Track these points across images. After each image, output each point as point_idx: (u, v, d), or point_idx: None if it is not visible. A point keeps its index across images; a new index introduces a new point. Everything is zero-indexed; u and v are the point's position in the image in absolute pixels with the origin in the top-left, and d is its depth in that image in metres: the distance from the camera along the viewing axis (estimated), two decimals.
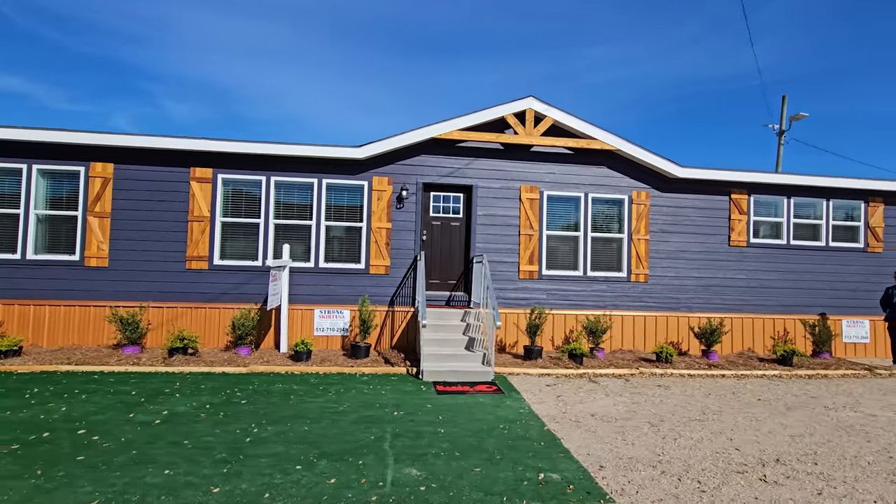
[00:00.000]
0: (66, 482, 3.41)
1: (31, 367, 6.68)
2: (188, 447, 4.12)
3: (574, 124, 9.19)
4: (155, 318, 8.31)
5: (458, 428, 4.84)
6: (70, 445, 4.08)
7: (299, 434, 4.52)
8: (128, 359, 7.28)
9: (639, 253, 9.51)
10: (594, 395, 6.34)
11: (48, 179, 8.40)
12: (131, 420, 4.78)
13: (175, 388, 6.01)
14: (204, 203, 8.53)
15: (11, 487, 3.31)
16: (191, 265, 8.48)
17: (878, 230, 10.20)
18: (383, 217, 8.91)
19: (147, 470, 3.64)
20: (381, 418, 5.08)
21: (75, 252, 8.30)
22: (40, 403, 5.21)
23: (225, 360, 7.39)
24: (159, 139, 8.31)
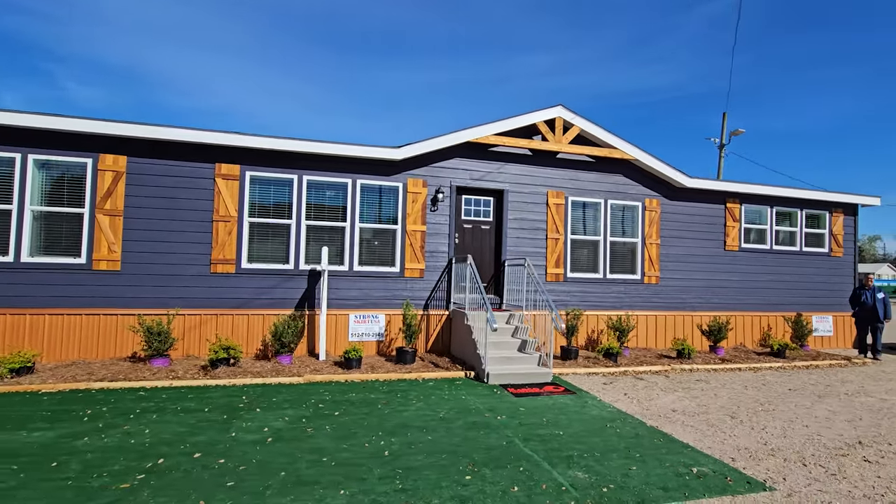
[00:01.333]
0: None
1: (56, 386, 5.88)
2: (333, 464, 3.90)
3: (598, 133, 9.64)
4: (177, 326, 7.60)
5: (571, 429, 4.97)
6: (203, 470, 3.71)
7: (428, 444, 4.43)
8: (161, 372, 6.62)
9: (651, 256, 10.17)
10: (651, 391, 6.74)
11: (47, 172, 7.40)
12: (238, 438, 4.41)
13: (246, 401, 5.59)
14: (231, 202, 7.94)
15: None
16: (216, 269, 7.87)
17: (838, 237, 11.69)
18: (418, 220, 8.81)
19: (321, 491, 3.42)
20: (489, 423, 5.09)
21: (81, 254, 7.39)
22: (111, 426, 4.64)
23: (271, 370, 6.95)
24: (180, 131, 7.63)
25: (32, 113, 7.09)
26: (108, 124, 7.34)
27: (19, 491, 3.31)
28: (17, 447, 4.07)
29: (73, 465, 3.75)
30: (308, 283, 8.30)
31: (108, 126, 7.35)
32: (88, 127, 7.28)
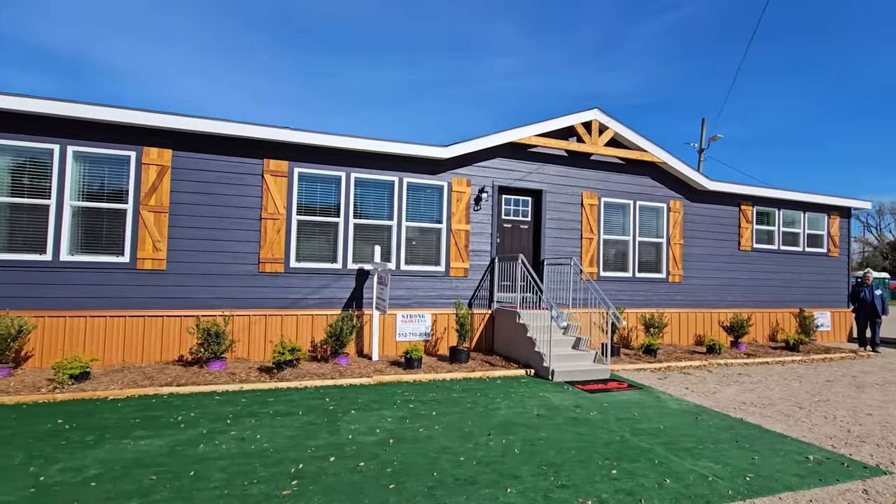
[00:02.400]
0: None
1: (124, 392, 5.55)
2: (475, 463, 3.89)
3: (630, 136, 9.94)
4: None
5: (665, 423, 5.14)
6: (351, 473, 3.63)
7: (549, 441, 4.48)
8: (222, 375, 6.37)
9: (675, 256, 10.57)
10: (706, 385, 7.04)
11: (87, 164, 6.96)
12: (358, 441, 4.32)
13: (333, 403, 5.46)
14: (279, 199, 7.71)
15: None
16: (264, 268, 7.62)
17: (835, 238, 12.51)
18: (463, 219, 8.82)
19: (487, 490, 3.42)
20: (587, 420, 5.19)
21: (124, 253, 7.00)
22: (218, 432, 4.44)
23: (333, 372, 6.80)
24: (227, 124, 7.34)
25: (72, 101, 6.65)
26: (152, 115, 6.98)
27: (188, 502, 3.14)
28: (138, 457, 3.85)
29: (213, 473, 3.58)
30: (356, 283, 8.16)
31: (153, 117, 6.98)
32: (131, 118, 6.89)
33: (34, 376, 6.03)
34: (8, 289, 6.50)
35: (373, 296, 7.91)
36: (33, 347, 6.54)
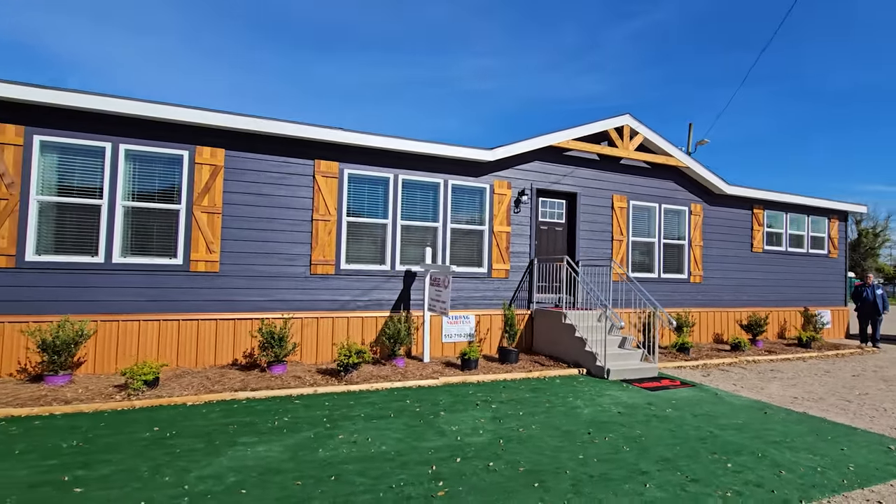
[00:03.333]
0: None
1: (200, 398, 5.42)
2: (595, 461, 4.02)
3: (657, 141, 10.27)
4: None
5: (739, 418, 5.39)
6: (487, 472, 3.69)
7: (648, 438, 4.65)
8: (288, 379, 6.29)
9: (695, 257, 10.98)
10: (748, 381, 7.37)
11: (138, 164, 6.74)
12: (468, 442, 4.38)
13: (417, 405, 5.48)
14: (331, 200, 7.65)
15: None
16: (316, 270, 7.55)
17: (834, 240, 13.23)
18: (504, 221, 8.94)
19: (627, 486, 3.55)
20: (667, 417, 5.39)
21: (177, 255, 6.81)
22: (325, 437, 4.42)
23: (397, 374, 6.81)
24: (281, 124, 7.24)
25: (124, 98, 6.43)
26: (206, 113, 6.82)
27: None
28: (263, 463, 3.80)
29: (352, 477, 3.59)
30: (403, 284, 8.17)
31: (207, 115, 6.82)
32: (185, 116, 6.72)
33: (96, 383, 5.82)
34: (59, 292, 6.24)
35: (423, 297, 7.94)
36: (86, 353, 6.30)
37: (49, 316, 6.15)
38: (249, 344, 7.11)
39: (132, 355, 6.49)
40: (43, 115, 6.24)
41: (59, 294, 6.25)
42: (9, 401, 5.05)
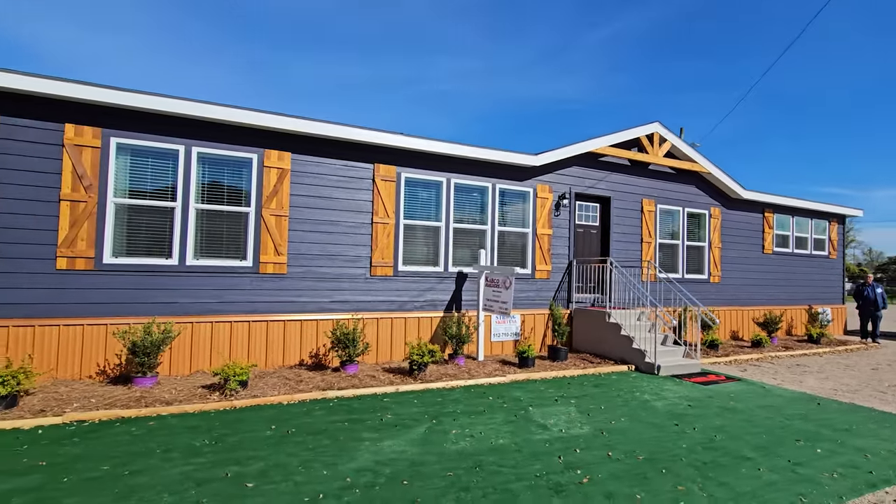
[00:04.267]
0: None
1: (293, 397, 5.56)
2: (703, 449, 4.38)
3: (683, 148, 10.78)
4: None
5: (798, 409, 5.85)
6: (626, 457, 4.00)
7: (733, 429, 5.03)
8: (364, 378, 6.48)
9: (714, 259, 11.55)
10: (782, 374, 7.89)
11: (208, 166, 6.79)
12: (575, 434, 4.68)
13: (500, 400, 5.75)
14: (389, 204, 7.83)
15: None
16: (376, 272, 7.73)
17: (834, 242, 14.05)
18: (546, 223, 9.27)
19: (760, 470, 3.91)
20: (735, 408, 5.80)
21: (247, 257, 6.90)
22: (439, 431, 4.65)
23: (462, 372, 7.06)
24: (344, 128, 7.39)
25: (197, 101, 6.49)
26: (275, 117, 6.92)
27: (511, 495, 3.40)
28: (403, 457, 4.02)
29: (497, 468, 3.84)
30: (455, 285, 8.41)
31: (276, 119, 6.93)
32: (254, 119, 6.81)
33: (181, 384, 5.89)
34: (135, 294, 6.27)
35: (477, 297, 8.21)
36: (162, 354, 6.34)
37: (126, 318, 6.18)
38: (315, 344, 7.25)
39: (206, 357, 6.56)
40: (119, 117, 6.25)
41: (135, 296, 6.28)
42: (109, 402, 5.10)
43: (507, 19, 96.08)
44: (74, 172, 6.00)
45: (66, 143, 5.98)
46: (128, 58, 70.18)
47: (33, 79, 5.68)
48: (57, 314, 5.91)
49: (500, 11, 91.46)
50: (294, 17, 73.89)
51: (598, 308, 8.98)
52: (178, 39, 70.97)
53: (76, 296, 6.00)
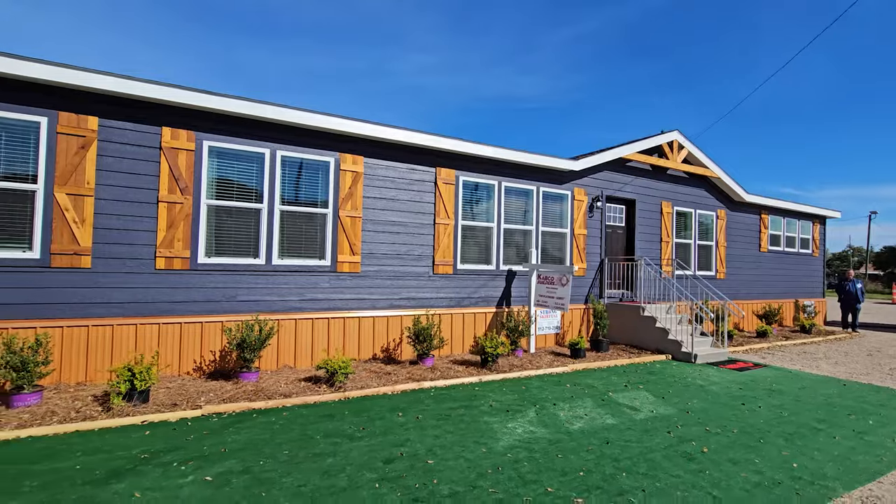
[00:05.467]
0: None
1: (395, 388, 5.96)
2: (788, 423, 5.10)
3: (698, 155, 11.67)
4: (407, 326, 7.78)
5: (831, 389, 6.72)
6: (769, 432, 4.65)
7: (788, 407, 5.80)
8: (443, 370, 6.93)
9: (720, 256, 12.55)
10: (799, 361, 8.85)
11: (291, 169, 7.04)
12: (662, 414, 5.32)
13: (579, 388, 6.34)
14: (449, 205, 8.28)
15: None
16: (438, 270, 8.17)
17: (817, 241, 15.42)
18: (582, 224, 9.93)
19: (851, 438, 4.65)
20: (781, 391, 6.60)
21: (325, 256, 7.21)
22: (550, 415, 5.18)
23: (525, 363, 7.61)
24: (411, 133, 7.77)
25: (281, 106, 6.72)
26: (351, 122, 7.22)
27: (689, 459, 3.99)
28: (541, 435, 4.53)
29: (622, 443, 4.41)
30: (505, 282, 8.95)
31: (351, 124, 7.22)
32: (334, 124, 7.09)
33: (281, 377, 6.17)
34: (226, 293, 6.48)
35: (526, 294, 8.77)
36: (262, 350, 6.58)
37: (219, 316, 6.40)
38: (386, 339, 7.63)
39: (291, 352, 6.85)
40: (210, 120, 6.43)
41: (227, 295, 6.49)
42: (230, 397, 5.37)
43: (468, 14, 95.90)
44: (171, 175, 6.16)
45: (163, 147, 6.13)
46: (77, 36, 65.97)
47: (131, 81, 5.81)
48: (156, 313, 6.07)
49: (463, 5, 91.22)
50: (242, 2, 71.29)
51: (632, 303, 9.72)
52: (125, 18, 67.41)
53: (174, 295, 6.17)
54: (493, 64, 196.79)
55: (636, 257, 10.74)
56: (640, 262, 9.58)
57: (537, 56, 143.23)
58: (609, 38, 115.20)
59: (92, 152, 5.76)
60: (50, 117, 5.57)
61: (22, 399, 4.76)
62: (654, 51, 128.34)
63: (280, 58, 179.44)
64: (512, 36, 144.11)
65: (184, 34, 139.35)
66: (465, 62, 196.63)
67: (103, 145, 5.84)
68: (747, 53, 70.01)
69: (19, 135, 5.47)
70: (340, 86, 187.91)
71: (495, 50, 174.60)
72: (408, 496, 3.29)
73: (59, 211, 5.57)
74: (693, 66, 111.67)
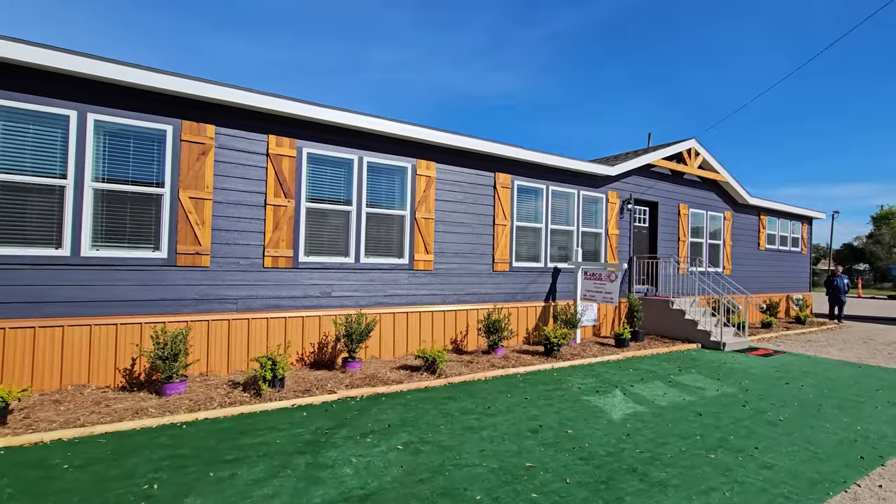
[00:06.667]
0: None
1: (488, 374, 6.61)
2: (829, 398, 6.01)
3: (711, 161, 12.70)
4: (471, 319, 8.44)
5: (852, 371, 7.74)
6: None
7: (822, 386, 6.74)
8: (512, 359, 7.62)
9: (727, 254, 13.67)
10: (809, 347, 9.94)
11: (373, 174, 7.56)
12: (726, 392, 6.16)
13: (640, 374, 7.14)
14: (506, 208, 8.95)
15: None
16: (497, 267, 8.84)
17: (805, 240, 16.82)
18: (615, 224, 10.78)
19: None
20: (810, 372, 7.57)
21: (404, 255, 7.78)
22: (634, 394, 5.95)
23: (578, 352, 8.39)
24: (474, 140, 8.38)
25: (370, 115, 7.23)
26: (428, 131, 7.77)
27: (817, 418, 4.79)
28: (643, 408, 5.28)
29: (710, 416, 5.20)
30: (552, 279, 9.69)
31: (427, 133, 7.78)
32: (412, 132, 7.64)
33: (380, 367, 6.73)
34: (322, 289, 6.98)
35: (572, 289, 9.55)
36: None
37: (316, 311, 6.89)
38: (455, 331, 8.26)
39: (377, 344, 7.40)
40: (307, 128, 6.89)
41: (322, 291, 6.99)
42: (346, 383, 5.90)
43: (443, 10, 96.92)
44: (277, 179, 6.61)
45: (269, 153, 6.57)
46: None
47: (245, 92, 6.23)
48: (264, 308, 6.53)
49: (436, 1, 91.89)
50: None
51: (660, 297, 10.64)
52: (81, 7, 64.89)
53: (278, 291, 6.64)
54: (466, 60, 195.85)
55: (658, 255, 11.69)
56: (668, 260, 10.49)
57: (507, 54, 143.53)
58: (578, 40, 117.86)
59: (210, 158, 6.16)
60: (175, 126, 5.95)
61: (173, 387, 5.20)
62: (624, 50, 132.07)
63: (251, 52, 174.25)
64: (482, 33, 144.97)
65: (138, 13, 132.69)
66: (438, 58, 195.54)
67: (219, 152, 6.26)
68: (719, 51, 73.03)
69: (148, 142, 5.84)
70: (310, 80, 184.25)
71: (468, 47, 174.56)
72: (576, 456, 3.98)
73: (184, 213, 5.97)
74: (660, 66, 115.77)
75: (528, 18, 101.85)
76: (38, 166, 5.26)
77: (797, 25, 44.08)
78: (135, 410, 4.67)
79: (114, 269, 5.61)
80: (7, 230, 5.13)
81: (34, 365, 5.16)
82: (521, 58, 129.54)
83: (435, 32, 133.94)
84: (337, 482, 3.41)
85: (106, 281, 5.57)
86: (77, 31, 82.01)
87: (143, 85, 5.64)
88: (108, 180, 5.60)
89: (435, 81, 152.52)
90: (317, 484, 3.38)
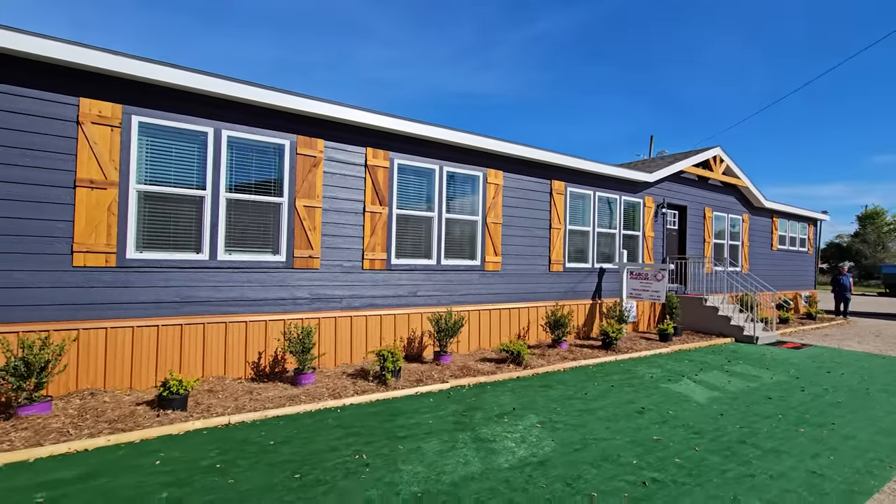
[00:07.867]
0: None
1: (564, 365, 7.30)
2: (872, 383, 6.82)
3: (733, 167, 13.55)
4: (532, 315, 9.13)
5: (880, 362, 8.59)
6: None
7: (857, 375, 7.54)
8: (574, 352, 8.34)
9: (745, 255, 14.57)
10: (829, 341, 10.83)
11: (451, 183, 8.19)
12: (778, 380, 6.94)
13: (695, 364, 7.89)
14: (561, 212, 9.65)
15: None
16: (552, 268, 9.54)
17: (811, 241, 17.84)
18: (650, 227, 11.55)
19: None
20: (842, 362, 8.39)
21: (476, 257, 8.44)
22: (700, 382, 6.69)
23: (630, 346, 9.14)
24: (537, 151, 9.06)
25: (444, 127, 7.86)
26: (499, 143, 8.43)
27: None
28: (718, 394, 6.02)
29: (775, 401, 5.97)
30: (598, 278, 10.43)
31: (499, 144, 8.44)
32: (481, 143, 8.29)
33: (463, 360, 7.38)
34: (410, 288, 7.60)
35: (617, 288, 10.29)
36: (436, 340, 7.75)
37: (403, 309, 7.52)
38: (518, 326, 8.94)
39: (465, 341, 8.04)
40: (398, 140, 7.50)
41: (409, 290, 7.61)
42: (447, 374, 6.55)
43: (431, 9, 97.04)
44: (374, 188, 7.21)
45: (367, 164, 7.17)
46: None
47: (349, 109, 6.81)
48: (363, 306, 7.14)
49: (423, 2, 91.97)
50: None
51: (692, 294, 11.45)
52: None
53: (374, 290, 7.25)
54: (454, 60, 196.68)
55: (687, 255, 12.50)
56: (697, 260, 11.29)
57: (495, 54, 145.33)
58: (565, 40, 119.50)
59: (320, 169, 6.75)
60: (291, 140, 6.53)
61: (306, 378, 5.80)
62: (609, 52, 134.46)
63: (234, 46, 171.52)
64: (470, 33, 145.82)
65: (132, 21, 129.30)
66: (427, 57, 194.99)
67: (327, 163, 6.84)
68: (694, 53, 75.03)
69: (269, 155, 6.41)
70: (295, 76, 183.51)
71: (456, 46, 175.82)
72: (689, 431, 4.69)
73: (299, 220, 6.55)
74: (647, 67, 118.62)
75: (514, 20, 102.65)
76: (181, 178, 5.81)
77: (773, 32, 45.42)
78: (287, 398, 5.27)
79: (242, 271, 6.18)
80: (157, 236, 5.67)
81: (181, 359, 5.73)
82: (507, 58, 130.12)
83: (424, 32, 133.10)
84: (508, 453, 4.07)
85: (236, 282, 6.14)
86: (55, 19, 78.99)
87: (267, 103, 6.20)
88: (237, 190, 6.16)
89: (427, 81, 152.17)
90: (494, 454, 4.04)
